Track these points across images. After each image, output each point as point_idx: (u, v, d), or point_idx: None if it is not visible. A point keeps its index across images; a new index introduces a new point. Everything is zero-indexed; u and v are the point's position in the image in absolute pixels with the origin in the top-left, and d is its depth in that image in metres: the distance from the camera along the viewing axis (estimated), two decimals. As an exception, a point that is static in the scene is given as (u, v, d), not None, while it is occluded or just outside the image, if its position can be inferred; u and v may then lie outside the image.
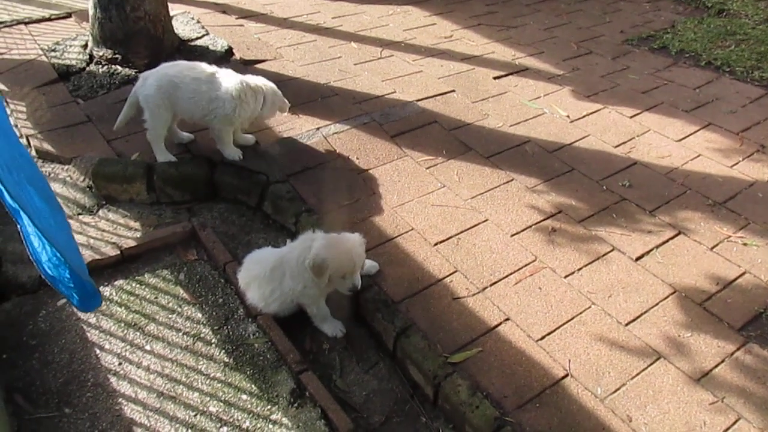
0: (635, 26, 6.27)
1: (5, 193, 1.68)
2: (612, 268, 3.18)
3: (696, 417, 2.47)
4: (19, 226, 1.87)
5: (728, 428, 2.44)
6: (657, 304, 2.97)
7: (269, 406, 2.57)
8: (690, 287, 3.07)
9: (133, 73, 4.56)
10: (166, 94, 3.52)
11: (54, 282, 2.05)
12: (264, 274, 2.85)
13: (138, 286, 3.09)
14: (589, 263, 3.20)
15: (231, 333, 2.87)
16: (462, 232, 3.38)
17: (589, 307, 2.95)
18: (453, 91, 4.76)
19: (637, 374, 2.63)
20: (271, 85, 3.69)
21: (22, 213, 1.76)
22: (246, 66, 4.79)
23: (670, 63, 5.46)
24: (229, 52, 5.05)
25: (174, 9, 5.32)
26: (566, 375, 2.63)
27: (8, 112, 3.94)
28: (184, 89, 3.51)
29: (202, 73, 3.56)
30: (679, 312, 2.93)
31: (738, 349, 2.76)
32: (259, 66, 4.88)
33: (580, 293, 3.02)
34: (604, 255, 3.26)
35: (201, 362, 2.73)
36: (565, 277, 3.12)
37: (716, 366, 2.68)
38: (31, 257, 1.95)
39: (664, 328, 2.84)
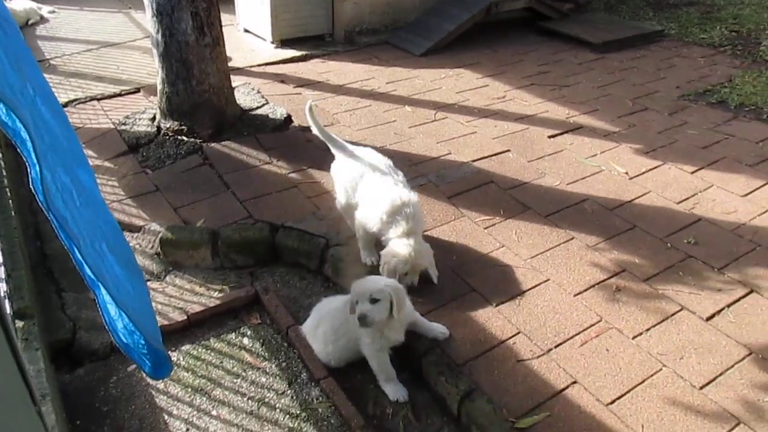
0: (691, 81, 6.23)
1: (85, 266, 1.76)
2: (682, 329, 3.08)
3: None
4: (95, 296, 1.94)
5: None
6: (732, 366, 2.85)
7: (334, 473, 2.55)
8: (767, 348, 2.94)
9: (198, 142, 4.76)
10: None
11: (128, 350, 2.10)
12: (338, 305, 3.02)
13: (204, 350, 3.14)
14: (658, 323, 3.11)
15: (295, 397, 2.88)
16: (523, 292, 3.34)
17: (660, 369, 2.85)
18: (508, 150, 4.78)
19: (716, 441, 2.52)
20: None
21: (99, 285, 1.83)
22: (304, 132, 4.93)
23: (730, 117, 5.38)
24: (288, 119, 5.23)
25: (236, 81, 5.56)
26: (640, 442, 2.53)
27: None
28: None
29: None
30: (757, 374, 2.81)
31: (824, 414, 2.61)
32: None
33: (650, 355, 2.93)
34: (672, 315, 3.16)
35: (266, 427, 2.74)
36: (633, 338, 3.03)
37: (802, 432, 2.54)
38: (106, 326, 2.02)
39: (741, 392, 2.72)
